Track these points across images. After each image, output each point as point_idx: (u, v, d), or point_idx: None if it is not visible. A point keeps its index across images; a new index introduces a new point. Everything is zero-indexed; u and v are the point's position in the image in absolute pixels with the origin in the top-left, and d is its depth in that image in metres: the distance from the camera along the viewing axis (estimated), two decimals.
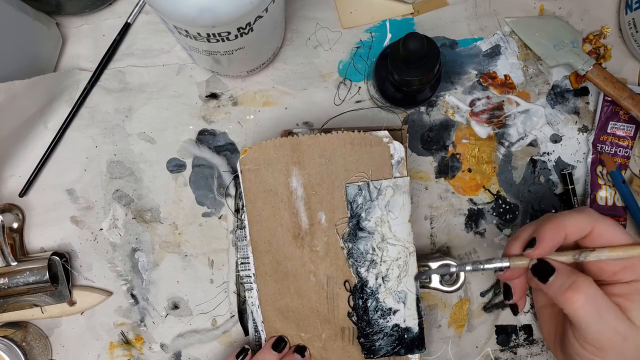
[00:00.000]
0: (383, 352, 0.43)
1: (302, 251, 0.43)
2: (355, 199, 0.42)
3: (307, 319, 0.43)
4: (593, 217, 0.37)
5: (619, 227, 0.37)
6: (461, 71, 0.51)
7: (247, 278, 0.46)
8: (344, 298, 0.43)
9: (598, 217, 0.37)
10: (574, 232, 0.37)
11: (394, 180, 0.42)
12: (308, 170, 0.42)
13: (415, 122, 0.51)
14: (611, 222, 0.37)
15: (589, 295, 0.35)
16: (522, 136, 0.51)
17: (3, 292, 0.46)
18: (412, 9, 0.51)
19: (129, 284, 0.50)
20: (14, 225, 0.49)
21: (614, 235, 0.36)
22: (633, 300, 0.36)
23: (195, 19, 0.34)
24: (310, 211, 0.43)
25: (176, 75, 0.50)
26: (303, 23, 0.51)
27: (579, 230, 0.37)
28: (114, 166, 0.50)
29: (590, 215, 0.37)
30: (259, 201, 0.43)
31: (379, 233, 0.42)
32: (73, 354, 0.49)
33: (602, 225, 0.37)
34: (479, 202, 0.51)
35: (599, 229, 0.37)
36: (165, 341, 0.49)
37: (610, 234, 0.37)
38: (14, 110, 0.45)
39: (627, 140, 0.50)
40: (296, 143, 0.42)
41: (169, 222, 0.50)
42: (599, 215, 0.37)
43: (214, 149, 0.50)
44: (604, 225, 0.37)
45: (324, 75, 0.51)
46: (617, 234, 0.37)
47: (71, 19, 0.51)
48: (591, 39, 0.52)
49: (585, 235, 0.37)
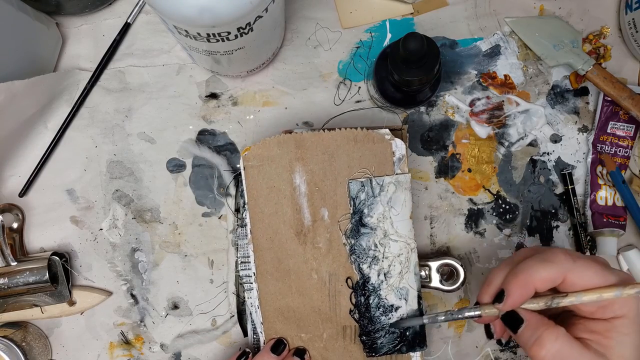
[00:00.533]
0: (385, 350, 0.43)
1: (304, 248, 0.43)
2: (357, 195, 0.43)
3: (308, 319, 0.43)
4: (563, 266, 0.35)
5: (592, 268, 0.35)
6: (461, 71, 0.51)
7: (247, 278, 0.46)
8: (346, 295, 0.43)
9: (569, 265, 0.35)
10: (544, 285, 0.35)
11: (395, 177, 0.42)
12: (311, 167, 0.43)
13: (415, 122, 0.51)
14: (583, 265, 0.35)
15: (554, 350, 0.34)
16: (522, 136, 0.51)
17: (3, 292, 0.46)
18: (412, 9, 0.51)
19: (128, 284, 0.50)
20: (14, 225, 0.49)
21: (588, 280, 0.35)
22: (611, 337, 0.35)
23: (195, 19, 0.34)
24: (313, 207, 0.43)
25: (176, 75, 0.50)
26: (303, 23, 0.51)
27: (549, 283, 0.35)
28: (114, 166, 0.50)
29: (560, 264, 0.35)
30: (261, 198, 0.43)
31: (381, 229, 0.43)
32: (73, 354, 0.49)
33: (574, 273, 0.35)
34: (479, 202, 0.51)
35: (571, 278, 0.35)
36: (165, 341, 0.49)
37: (583, 280, 0.35)
38: (14, 110, 0.45)
39: (627, 140, 0.50)
40: (300, 139, 0.42)
41: (169, 222, 0.50)
42: (571, 260, 0.35)
43: (214, 149, 0.50)
44: (576, 273, 0.35)
45: (324, 75, 0.51)
46: (590, 278, 0.35)
47: (71, 19, 0.51)
48: (591, 39, 0.52)
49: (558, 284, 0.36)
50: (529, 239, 0.51)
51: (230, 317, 0.49)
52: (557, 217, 0.51)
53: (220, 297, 0.49)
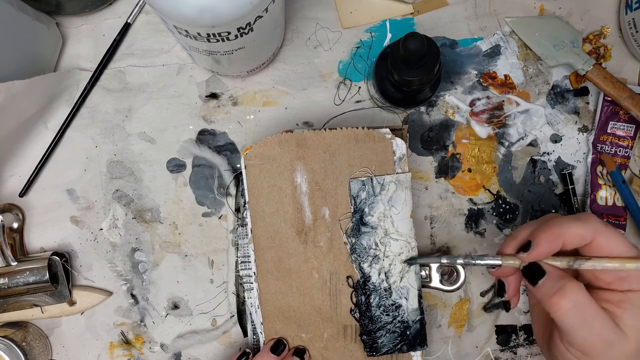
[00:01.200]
0: (386, 349, 0.43)
1: (305, 247, 0.43)
2: (358, 193, 0.43)
3: (308, 318, 0.43)
4: (595, 226, 0.36)
5: (620, 238, 0.36)
6: (461, 71, 0.51)
7: (247, 278, 0.46)
8: (347, 294, 0.43)
9: (600, 227, 0.36)
10: (573, 241, 0.36)
11: (396, 176, 0.43)
12: (312, 166, 0.43)
13: (415, 122, 0.51)
14: (613, 232, 0.36)
15: (575, 301, 0.34)
16: (522, 136, 0.51)
17: (3, 292, 0.46)
18: (412, 9, 0.51)
19: (129, 284, 0.50)
20: (14, 225, 0.49)
21: (614, 247, 0.36)
22: (625, 308, 0.35)
23: (195, 19, 0.34)
24: (314, 206, 0.43)
25: (176, 75, 0.50)
26: (303, 23, 0.51)
27: (578, 240, 0.36)
28: (114, 166, 0.50)
29: (592, 224, 0.36)
30: (262, 197, 0.43)
31: (381, 228, 0.43)
32: (73, 354, 0.49)
33: (603, 236, 0.36)
34: (479, 202, 0.51)
35: (599, 240, 0.36)
36: (165, 341, 0.49)
37: (610, 245, 0.36)
38: (14, 110, 0.45)
39: (627, 140, 0.50)
40: (301, 138, 0.43)
41: (169, 222, 0.50)
42: (602, 224, 0.36)
43: (214, 149, 0.50)
44: (605, 236, 0.36)
45: (324, 75, 0.51)
46: (617, 246, 0.36)
47: (71, 19, 0.51)
48: (591, 39, 0.52)
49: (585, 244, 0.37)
50: None
51: (230, 317, 0.49)
52: None
53: (220, 297, 0.49)
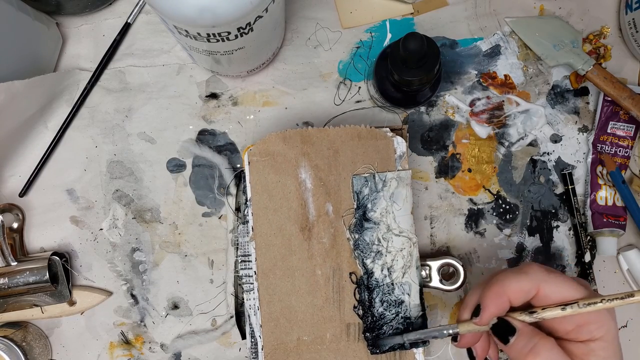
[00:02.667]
0: (389, 346, 0.43)
1: (308, 244, 0.43)
2: (361, 190, 0.43)
3: (311, 319, 0.43)
4: (536, 278, 0.35)
5: (566, 282, 0.35)
6: (461, 71, 0.51)
7: (246, 278, 0.46)
8: (350, 291, 0.43)
9: (542, 277, 0.35)
10: (518, 297, 0.35)
11: (397, 173, 0.43)
12: (317, 162, 0.43)
13: (415, 122, 0.51)
14: (557, 278, 0.35)
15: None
16: (522, 136, 0.51)
17: (3, 292, 0.46)
18: (412, 9, 0.51)
19: (128, 284, 0.50)
20: (14, 225, 0.49)
21: (562, 294, 0.34)
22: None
23: (195, 19, 0.34)
24: (317, 202, 0.43)
25: (176, 75, 0.50)
26: (303, 23, 0.51)
27: (522, 295, 0.35)
28: (114, 166, 0.50)
29: (532, 276, 0.35)
30: (265, 193, 0.43)
31: (384, 224, 0.43)
32: (73, 354, 0.49)
33: (547, 285, 0.35)
34: (479, 202, 0.51)
35: (544, 290, 0.35)
36: (165, 341, 0.49)
37: (557, 293, 0.34)
38: (14, 110, 0.45)
39: (627, 140, 0.50)
40: (306, 135, 0.43)
41: (169, 222, 0.50)
42: (544, 273, 0.35)
43: (214, 149, 0.50)
44: (549, 285, 0.35)
45: (324, 75, 0.51)
46: (565, 292, 0.34)
47: (71, 19, 0.51)
48: (591, 39, 0.52)
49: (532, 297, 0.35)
50: (529, 239, 0.51)
51: (229, 317, 0.49)
52: (557, 217, 0.51)
53: (220, 297, 0.49)
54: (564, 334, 0.35)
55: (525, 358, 0.34)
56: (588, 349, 0.34)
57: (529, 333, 0.35)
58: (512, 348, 0.35)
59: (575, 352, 0.35)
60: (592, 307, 0.33)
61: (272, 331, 0.43)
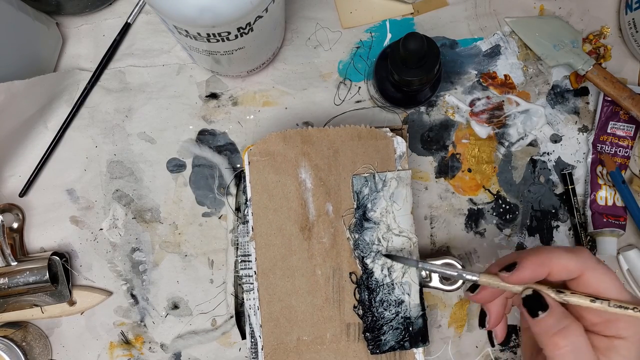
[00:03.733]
0: (389, 345, 0.43)
1: (309, 243, 0.43)
2: (361, 189, 0.43)
3: (311, 319, 0.43)
4: (586, 262, 0.34)
5: (612, 277, 0.34)
6: (461, 71, 0.51)
7: (246, 278, 0.46)
8: (350, 291, 0.43)
9: (590, 264, 0.34)
10: (560, 272, 0.34)
11: (397, 173, 0.43)
12: (317, 162, 0.43)
13: (415, 122, 0.51)
14: (605, 271, 0.34)
15: (575, 345, 0.33)
16: (522, 136, 0.51)
17: (3, 292, 0.46)
18: (412, 9, 0.51)
19: (128, 284, 0.50)
20: (14, 225, 0.49)
21: (603, 286, 0.34)
22: (610, 357, 0.33)
23: (195, 19, 0.34)
24: (317, 202, 0.43)
25: (176, 75, 0.50)
26: (303, 23, 0.51)
27: (565, 273, 0.34)
28: (114, 166, 0.50)
29: (583, 259, 0.34)
30: (266, 193, 0.43)
31: (384, 223, 0.43)
32: (73, 354, 0.49)
33: (593, 273, 0.34)
34: (479, 202, 0.51)
35: (587, 276, 0.34)
36: (165, 341, 0.49)
37: (599, 284, 0.34)
38: (14, 110, 0.45)
39: (627, 140, 0.50)
40: (306, 135, 0.43)
41: (169, 222, 0.50)
42: (593, 261, 0.34)
43: (214, 149, 0.50)
44: (595, 274, 0.34)
45: (324, 75, 0.51)
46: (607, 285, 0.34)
47: (71, 19, 0.51)
48: (591, 39, 0.52)
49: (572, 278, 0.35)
50: (529, 239, 0.51)
51: (229, 317, 0.49)
52: (557, 217, 0.51)
53: (220, 297, 0.49)
54: (589, 325, 0.35)
55: (551, 337, 0.33)
56: (611, 345, 0.34)
57: (561, 314, 0.34)
58: (539, 323, 0.34)
59: (598, 345, 0.34)
60: (621, 311, 0.33)
61: (272, 331, 0.43)
